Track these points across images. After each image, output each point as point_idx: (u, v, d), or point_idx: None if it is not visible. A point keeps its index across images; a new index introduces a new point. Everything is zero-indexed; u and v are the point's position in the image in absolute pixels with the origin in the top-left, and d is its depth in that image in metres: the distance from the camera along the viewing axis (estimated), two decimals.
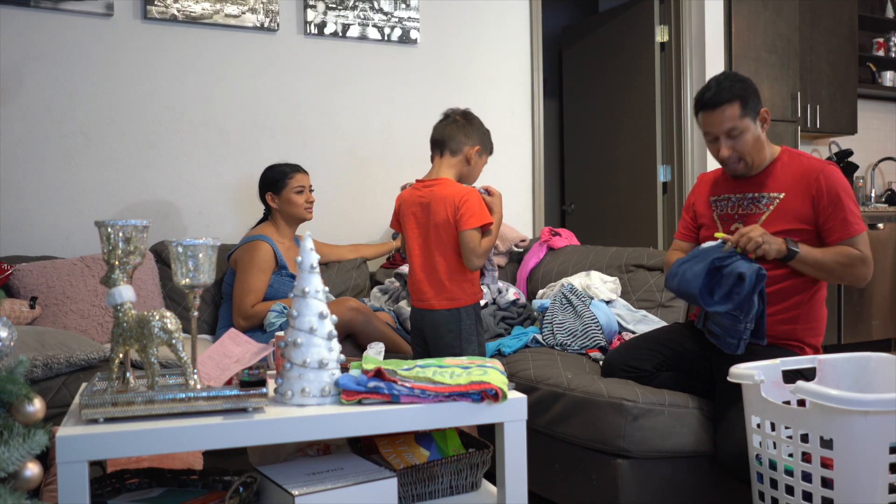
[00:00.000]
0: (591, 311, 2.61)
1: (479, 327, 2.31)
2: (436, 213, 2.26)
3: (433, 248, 2.27)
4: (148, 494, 1.60)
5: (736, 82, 2.05)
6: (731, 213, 2.16)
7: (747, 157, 2.07)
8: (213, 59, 3.15)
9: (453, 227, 2.23)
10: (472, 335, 2.28)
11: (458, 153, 2.32)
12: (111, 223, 1.44)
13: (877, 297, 4.63)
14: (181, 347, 1.43)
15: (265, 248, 2.72)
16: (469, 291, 2.28)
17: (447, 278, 2.26)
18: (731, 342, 1.96)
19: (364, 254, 3.25)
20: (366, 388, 1.49)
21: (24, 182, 2.87)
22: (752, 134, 2.05)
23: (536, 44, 3.80)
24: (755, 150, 2.07)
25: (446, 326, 2.27)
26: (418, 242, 2.31)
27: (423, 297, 2.30)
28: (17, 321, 2.36)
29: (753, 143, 2.06)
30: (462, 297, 2.27)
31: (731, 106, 2.03)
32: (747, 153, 2.07)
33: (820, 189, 2.01)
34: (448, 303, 2.27)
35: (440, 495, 1.69)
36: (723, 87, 2.04)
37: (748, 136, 2.05)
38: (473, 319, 2.29)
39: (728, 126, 2.04)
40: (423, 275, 2.29)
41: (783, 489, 1.70)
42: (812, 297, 2.06)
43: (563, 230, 3.38)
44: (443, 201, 2.25)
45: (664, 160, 4.28)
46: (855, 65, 4.96)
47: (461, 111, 2.37)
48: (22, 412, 1.26)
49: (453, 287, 2.26)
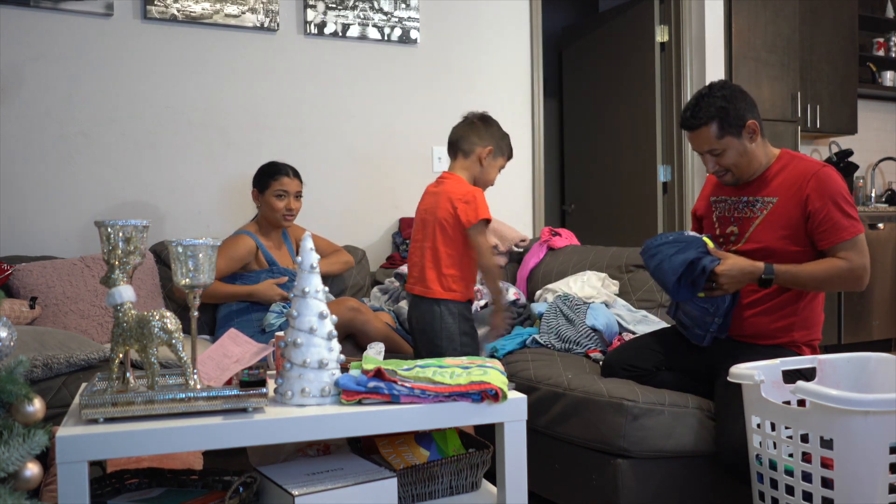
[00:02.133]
0: (586, 318, 2.61)
1: (463, 326, 2.34)
2: (439, 207, 2.33)
3: (427, 236, 2.36)
4: (148, 494, 1.60)
5: (716, 99, 2.01)
6: (728, 215, 2.16)
7: (734, 170, 2.07)
8: (213, 59, 3.15)
9: (452, 222, 2.30)
10: (453, 334, 2.31)
11: (470, 154, 2.36)
12: (111, 223, 1.44)
13: (877, 297, 4.63)
14: (181, 347, 1.43)
15: (243, 240, 2.72)
16: (450, 287, 2.33)
17: (432, 266, 2.34)
18: (698, 333, 2.06)
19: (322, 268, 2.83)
20: (366, 388, 1.49)
21: (24, 182, 2.87)
22: (734, 150, 2.03)
23: (536, 44, 3.79)
24: (742, 163, 2.05)
25: (427, 318, 2.35)
26: (419, 227, 2.41)
27: (410, 281, 2.42)
28: (17, 321, 2.35)
29: (738, 158, 2.04)
30: (438, 291, 2.32)
31: (707, 128, 2.02)
32: (733, 167, 2.06)
33: (811, 193, 1.99)
34: (424, 290, 2.35)
35: (440, 495, 1.69)
36: (699, 108, 2.02)
37: (730, 152, 2.04)
38: (456, 318, 2.31)
39: (707, 147, 2.05)
40: (415, 259, 2.40)
41: (783, 489, 1.70)
42: (807, 298, 2.06)
43: (563, 230, 3.38)
44: (447, 195, 2.31)
45: (664, 160, 4.28)
46: (855, 65, 4.96)
47: (479, 114, 2.42)
48: (22, 412, 1.26)
49: (433, 277, 2.33)
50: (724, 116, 2.01)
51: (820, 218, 1.98)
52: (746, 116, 2.02)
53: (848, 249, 1.97)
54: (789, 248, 2.02)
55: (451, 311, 2.32)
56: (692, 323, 2.06)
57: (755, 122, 2.03)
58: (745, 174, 2.08)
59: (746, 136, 2.03)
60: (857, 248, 1.98)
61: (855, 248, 1.97)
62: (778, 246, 2.02)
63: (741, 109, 2.02)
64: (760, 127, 2.06)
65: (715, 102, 2.01)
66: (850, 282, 1.99)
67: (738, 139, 2.03)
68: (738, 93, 2.05)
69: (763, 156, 2.09)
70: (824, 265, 1.98)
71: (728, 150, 2.03)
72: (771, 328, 2.05)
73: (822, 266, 1.98)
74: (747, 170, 2.07)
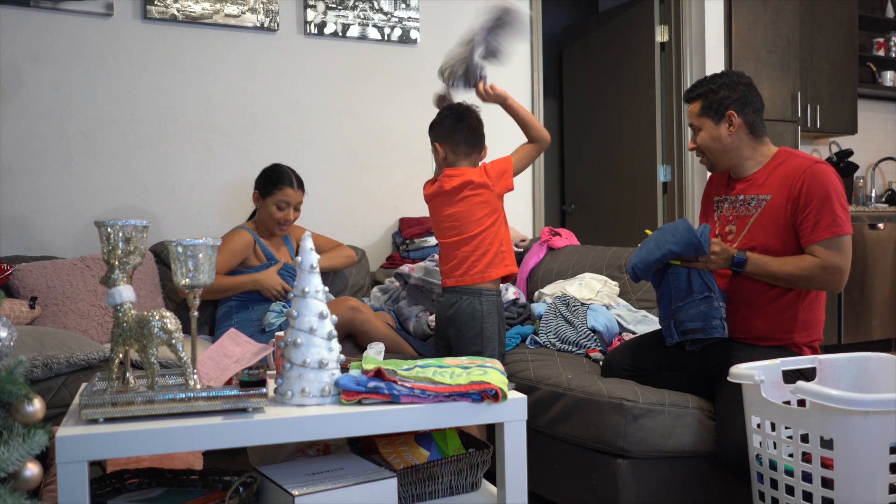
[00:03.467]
0: (587, 320, 2.61)
1: (500, 325, 2.31)
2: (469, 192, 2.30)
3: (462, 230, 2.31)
4: (148, 494, 1.60)
5: (714, 81, 2.12)
6: (727, 214, 2.17)
7: (706, 153, 2.16)
8: (213, 59, 3.15)
9: (493, 188, 2.30)
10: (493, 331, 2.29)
11: (479, 152, 2.40)
12: (111, 223, 1.44)
13: (877, 297, 4.62)
14: (181, 347, 1.43)
15: (240, 234, 2.72)
16: (500, 264, 2.30)
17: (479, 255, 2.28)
18: (715, 324, 1.99)
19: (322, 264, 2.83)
20: (366, 388, 1.49)
21: (24, 182, 2.87)
22: (708, 133, 2.13)
23: (536, 44, 3.79)
24: (714, 148, 2.13)
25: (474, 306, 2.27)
26: (448, 230, 2.34)
27: (455, 276, 2.32)
28: (17, 321, 2.36)
29: (710, 142, 2.13)
30: (493, 272, 2.29)
31: (695, 103, 2.15)
32: (704, 148, 2.16)
33: (800, 189, 1.99)
34: (473, 279, 2.28)
35: (440, 495, 1.69)
36: (699, 85, 2.15)
37: (704, 133, 2.14)
38: (495, 316, 2.28)
39: (689, 121, 2.19)
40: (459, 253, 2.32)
41: (783, 489, 1.70)
42: (808, 299, 2.05)
43: (563, 230, 3.38)
44: (471, 178, 2.30)
45: (664, 160, 4.28)
46: (855, 65, 4.96)
47: (457, 114, 2.38)
48: (22, 412, 1.26)
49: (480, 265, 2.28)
50: (708, 98, 2.12)
51: (805, 213, 1.97)
52: (728, 106, 2.09)
53: (826, 248, 1.94)
54: (786, 245, 2.01)
55: (491, 303, 2.29)
56: (703, 322, 1.99)
57: (734, 113, 2.09)
58: (720, 162, 2.15)
59: (724, 124, 2.10)
60: (837, 247, 1.94)
61: (835, 248, 1.94)
62: (773, 243, 2.02)
63: (726, 98, 2.10)
64: (751, 124, 2.10)
65: (711, 84, 2.13)
66: (822, 281, 1.96)
67: (714, 124, 2.12)
68: (739, 85, 2.11)
69: (750, 151, 2.12)
70: (795, 260, 1.98)
71: (703, 130, 2.14)
72: (771, 329, 2.05)
73: (792, 261, 1.98)
74: (721, 158, 2.14)
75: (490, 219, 2.30)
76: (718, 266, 2.01)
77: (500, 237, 2.32)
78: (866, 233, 4.53)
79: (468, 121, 2.36)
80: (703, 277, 2.01)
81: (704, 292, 2.00)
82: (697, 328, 2.00)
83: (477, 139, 2.37)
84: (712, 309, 1.99)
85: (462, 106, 2.39)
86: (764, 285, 2.03)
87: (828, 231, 1.94)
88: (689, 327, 2.01)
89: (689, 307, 2.01)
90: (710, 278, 2.02)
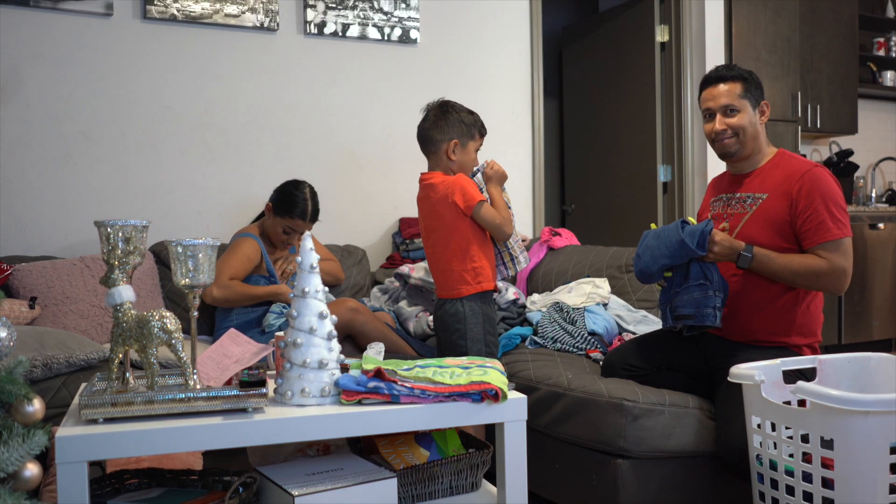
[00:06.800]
0: (586, 324, 2.60)
1: (486, 325, 2.32)
2: (436, 205, 2.31)
3: (433, 238, 2.34)
4: (147, 495, 1.60)
5: (744, 70, 2.15)
6: (722, 212, 2.18)
7: (740, 134, 2.11)
8: (213, 58, 3.15)
9: (452, 215, 2.28)
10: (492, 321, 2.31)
11: (437, 152, 2.34)
12: (111, 223, 1.44)
13: (877, 297, 4.62)
14: (181, 347, 1.43)
15: (251, 243, 2.72)
16: (472, 280, 2.30)
17: (450, 266, 2.30)
18: (708, 312, 1.98)
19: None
20: (366, 388, 1.48)
21: (24, 182, 2.87)
22: (747, 116, 2.11)
23: (536, 44, 3.79)
24: (749, 132, 2.12)
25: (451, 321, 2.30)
26: (424, 234, 2.40)
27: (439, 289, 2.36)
28: (17, 321, 2.35)
29: (747, 125, 2.11)
30: (464, 288, 2.29)
31: (733, 83, 2.12)
32: (740, 129, 2.11)
33: (800, 191, 2.00)
34: (452, 293, 2.30)
35: (440, 495, 1.69)
36: (730, 68, 2.14)
37: (743, 116, 2.11)
38: (479, 317, 2.29)
39: (725, 101, 2.11)
40: (432, 264, 2.37)
41: (784, 489, 1.70)
42: (807, 300, 2.05)
43: (563, 230, 3.38)
44: (436, 193, 2.30)
45: (664, 160, 4.28)
46: (855, 65, 4.96)
47: (438, 104, 2.38)
48: (21, 412, 1.26)
49: (457, 275, 2.29)
50: (751, 80, 2.13)
51: (806, 216, 1.98)
52: (762, 97, 2.15)
53: (831, 250, 1.96)
54: (778, 244, 2.02)
55: (474, 310, 2.30)
56: (695, 309, 1.99)
57: (767, 104, 2.16)
58: (746, 148, 2.13)
59: (758, 112, 2.13)
60: (840, 250, 1.96)
61: (839, 251, 1.96)
62: (765, 241, 2.03)
63: (760, 89, 2.16)
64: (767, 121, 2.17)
65: (744, 70, 2.14)
66: (827, 282, 1.97)
67: (753, 108, 2.12)
68: (757, 76, 2.18)
69: (764, 144, 2.16)
70: (803, 259, 1.98)
71: (742, 112, 2.11)
72: (771, 330, 2.05)
73: (800, 259, 1.98)
74: (750, 143, 2.13)
75: (454, 234, 2.29)
76: (720, 259, 2.01)
77: (472, 254, 2.30)
78: (866, 233, 4.54)
79: (422, 123, 2.38)
80: (701, 266, 2.00)
81: (700, 280, 2.00)
82: (690, 314, 2.00)
83: (426, 140, 2.36)
84: (706, 297, 1.99)
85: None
86: (763, 287, 2.03)
87: (831, 234, 1.96)
88: (682, 313, 2.02)
89: (684, 293, 2.01)
90: (710, 268, 2.01)
